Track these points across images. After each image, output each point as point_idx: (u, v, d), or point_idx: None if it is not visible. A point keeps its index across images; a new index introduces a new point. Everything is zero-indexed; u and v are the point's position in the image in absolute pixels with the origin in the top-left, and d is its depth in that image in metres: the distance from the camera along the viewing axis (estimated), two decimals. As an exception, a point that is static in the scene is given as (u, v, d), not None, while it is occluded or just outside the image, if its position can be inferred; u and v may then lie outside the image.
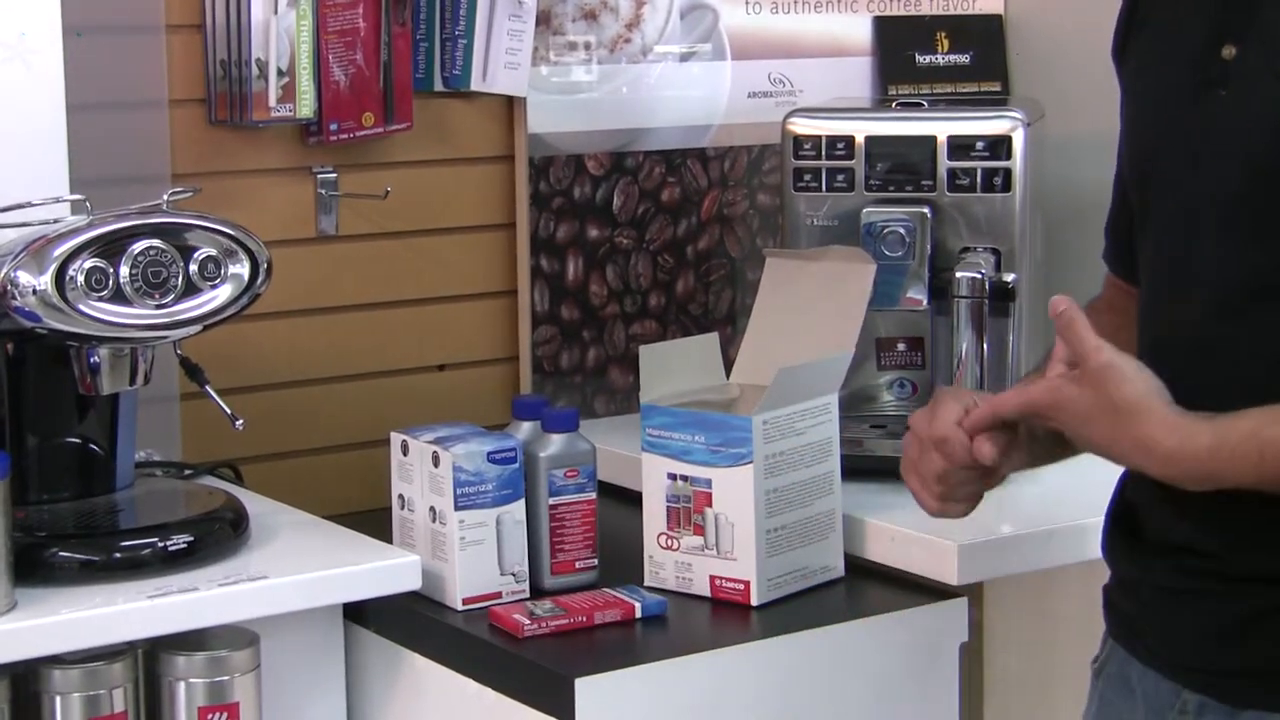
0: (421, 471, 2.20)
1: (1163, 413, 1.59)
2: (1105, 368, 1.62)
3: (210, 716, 2.07)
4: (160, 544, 2.08)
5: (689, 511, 2.19)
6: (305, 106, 2.50)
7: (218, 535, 2.13)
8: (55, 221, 2.09)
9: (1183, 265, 1.70)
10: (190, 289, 2.08)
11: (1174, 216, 1.72)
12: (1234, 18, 1.66)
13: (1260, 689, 1.62)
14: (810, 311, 2.34)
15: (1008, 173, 2.43)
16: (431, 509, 2.18)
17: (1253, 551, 1.62)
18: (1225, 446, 1.56)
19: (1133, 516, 1.74)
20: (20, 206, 2.13)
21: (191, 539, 2.09)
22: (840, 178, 2.48)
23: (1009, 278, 2.42)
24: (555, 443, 2.22)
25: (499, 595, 2.18)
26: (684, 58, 2.87)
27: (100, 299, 2.03)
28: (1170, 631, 1.69)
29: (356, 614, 2.22)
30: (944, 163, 2.44)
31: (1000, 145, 2.43)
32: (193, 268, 2.08)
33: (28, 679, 2.01)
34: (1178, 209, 1.71)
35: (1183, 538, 1.67)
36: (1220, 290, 1.65)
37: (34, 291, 2.00)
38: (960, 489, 1.78)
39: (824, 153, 2.49)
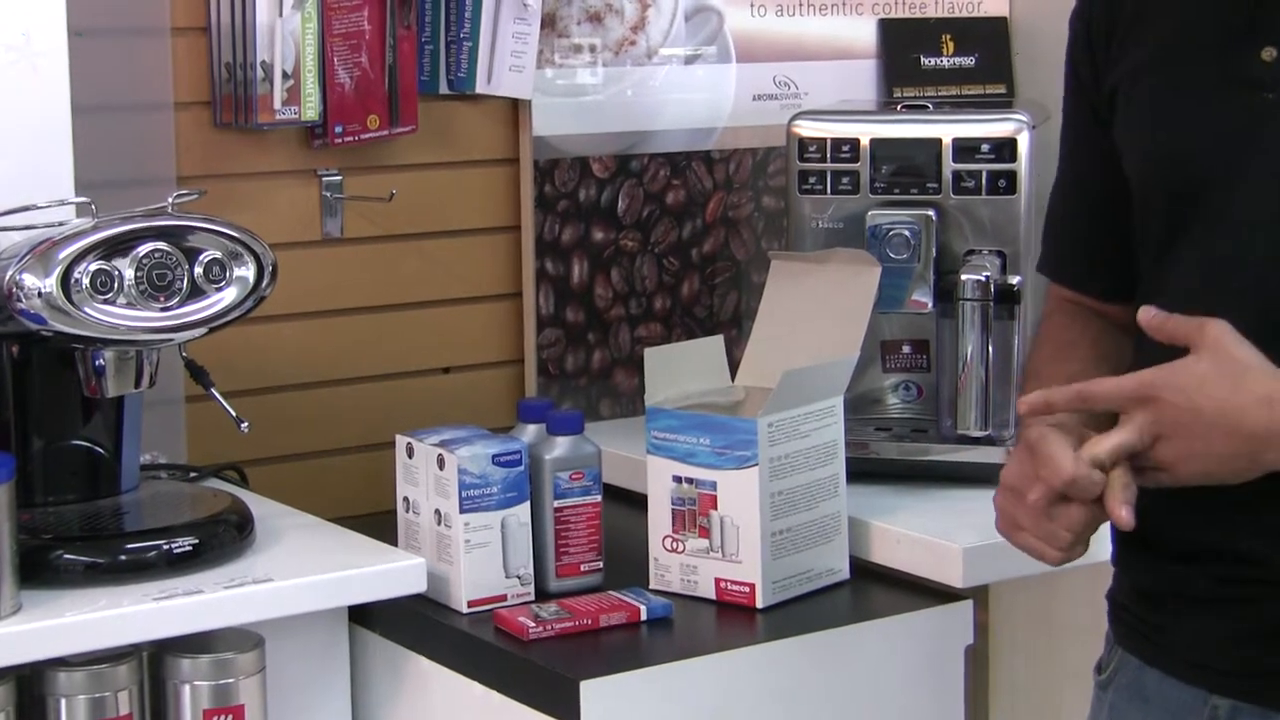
0: (427, 474, 2.20)
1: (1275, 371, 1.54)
2: (1223, 331, 1.55)
3: (215, 719, 2.07)
4: (165, 546, 2.08)
5: (694, 514, 2.19)
6: (310, 109, 2.50)
7: (223, 538, 2.13)
8: (60, 224, 2.09)
9: (1234, 272, 1.65)
10: (195, 291, 2.08)
11: (1222, 224, 1.66)
12: (1270, 19, 1.62)
13: None
14: (815, 314, 2.34)
15: (1013, 175, 2.43)
16: (437, 511, 2.18)
17: None
18: None
19: (1146, 526, 1.67)
20: (25, 209, 2.13)
21: (197, 541, 2.09)
22: (845, 180, 2.48)
23: (1014, 280, 2.42)
24: (560, 445, 2.22)
25: (504, 598, 2.18)
26: (689, 60, 2.87)
27: (105, 301, 2.03)
28: (1203, 638, 1.67)
29: (362, 617, 2.22)
30: (949, 165, 2.44)
31: (1005, 148, 2.43)
32: (198, 270, 2.08)
33: (33, 681, 2.02)
34: (1227, 216, 1.65)
35: (1215, 544, 1.65)
36: (1274, 297, 1.61)
37: (39, 294, 2.00)
38: (1086, 530, 1.64)
39: (829, 155, 2.49)
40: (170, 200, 2.13)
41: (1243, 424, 1.52)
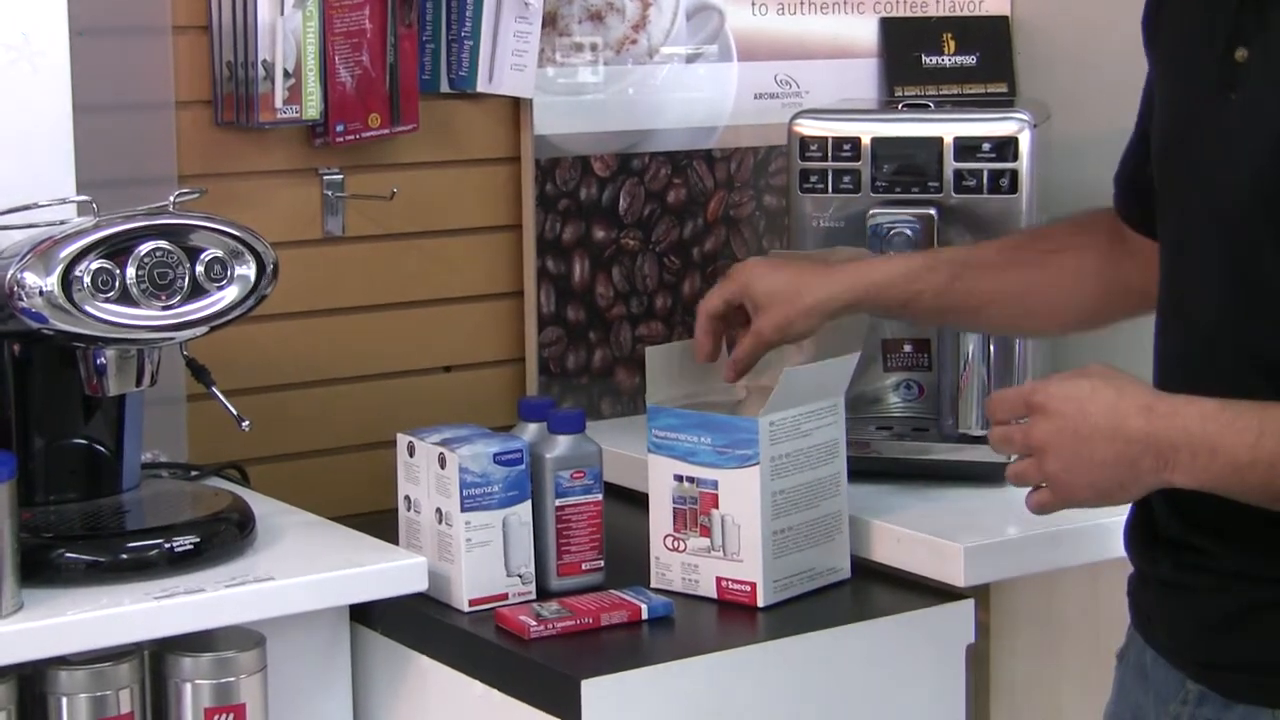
0: (428, 473, 2.20)
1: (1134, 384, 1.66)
2: (1106, 365, 1.68)
3: (216, 717, 2.07)
4: (167, 545, 2.08)
5: (695, 513, 2.19)
6: (311, 108, 2.50)
7: (224, 536, 2.13)
8: (62, 223, 2.09)
9: (1187, 271, 1.71)
10: (196, 290, 2.09)
11: (1181, 219, 1.73)
12: (1248, 20, 1.65)
13: (1252, 683, 1.65)
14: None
15: (1014, 174, 2.43)
16: (438, 510, 2.18)
17: (1243, 549, 1.64)
18: (1229, 408, 1.58)
19: (1149, 510, 1.76)
20: (27, 208, 2.13)
21: (198, 540, 2.09)
22: (846, 179, 2.48)
23: (1015, 279, 2.42)
24: (561, 444, 2.22)
25: (505, 597, 2.18)
26: (690, 59, 2.87)
27: (106, 300, 2.03)
28: (1174, 623, 1.73)
29: (363, 615, 2.22)
30: (950, 164, 2.44)
31: (1006, 147, 2.43)
32: (199, 269, 2.08)
33: (34, 680, 2.02)
34: (1185, 212, 1.71)
35: (1181, 532, 1.69)
36: (1221, 301, 1.65)
37: (40, 293, 2.01)
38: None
39: (830, 154, 2.49)
40: (171, 199, 2.13)
41: (1124, 426, 1.60)
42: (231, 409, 2.20)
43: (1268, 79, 1.61)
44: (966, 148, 2.44)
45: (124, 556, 2.06)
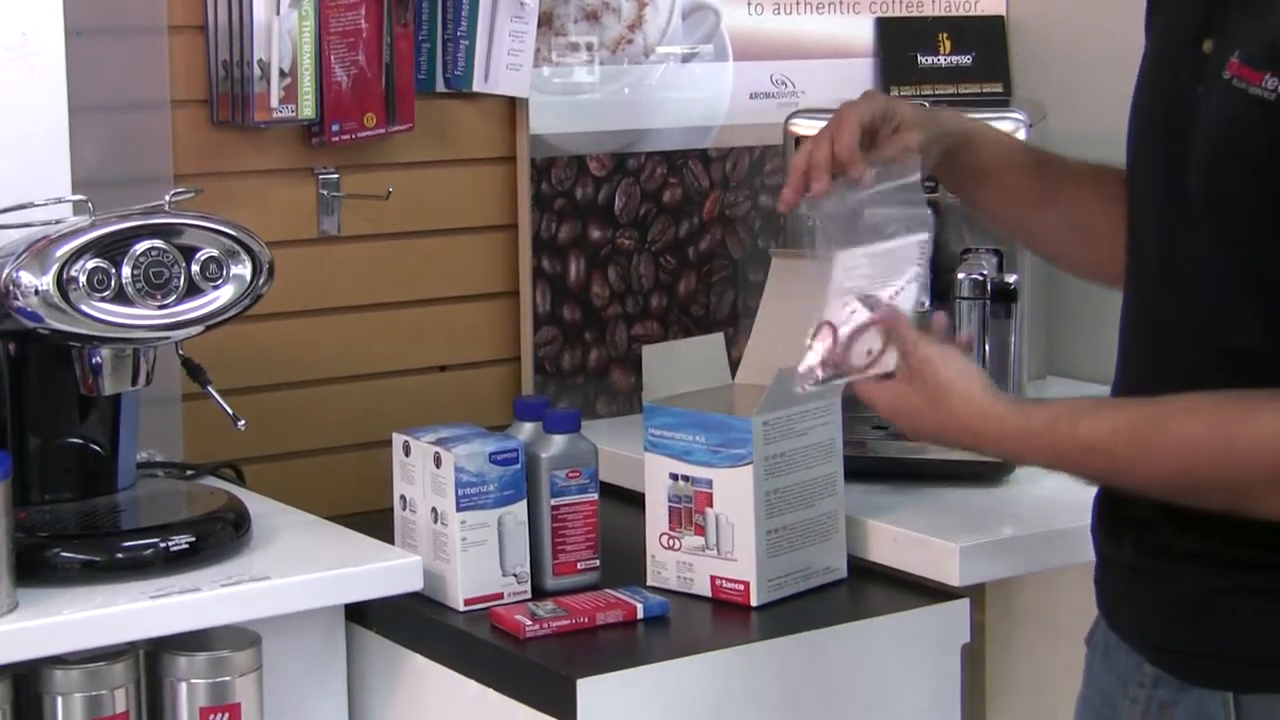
0: (423, 472, 2.20)
1: (977, 393, 1.74)
2: (924, 359, 1.77)
3: (212, 717, 2.07)
4: (162, 544, 2.08)
5: (690, 511, 2.19)
6: (307, 107, 2.50)
7: (219, 536, 2.13)
8: (57, 222, 2.09)
9: (1152, 262, 1.71)
10: (192, 289, 2.09)
11: (1145, 213, 1.73)
12: (1215, 11, 1.65)
13: (1207, 668, 1.65)
14: (816, 312, 2.34)
15: (1010, 174, 2.42)
16: (433, 510, 2.19)
17: (1201, 533, 1.64)
18: (1032, 427, 1.68)
19: (1113, 495, 1.76)
20: (22, 207, 2.13)
21: (193, 539, 2.09)
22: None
23: (1011, 279, 2.42)
24: (557, 443, 2.22)
25: (501, 596, 2.18)
26: (686, 59, 2.87)
27: (102, 299, 2.03)
28: (1133, 607, 1.73)
29: (358, 615, 2.22)
30: (946, 164, 2.43)
31: (1002, 147, 2.42)
32: (194, 268, 2.08)
33: (29, 679, 2.02)
34: (1148, 206, 1.72)
35: (1141, 516, 1.70)
36: (1188, 294, 1.65)
37: (36, 292, 2.01)
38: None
39: (826, 153, 2.48)
40: (167, 198, 2.13)
41: (959, 445, 1.78)
42: (227, 408, 2.20)
43: (1224, 71, 1.61)
44: (962, 147, 2.43)
45: (119, 556, 2.06)
